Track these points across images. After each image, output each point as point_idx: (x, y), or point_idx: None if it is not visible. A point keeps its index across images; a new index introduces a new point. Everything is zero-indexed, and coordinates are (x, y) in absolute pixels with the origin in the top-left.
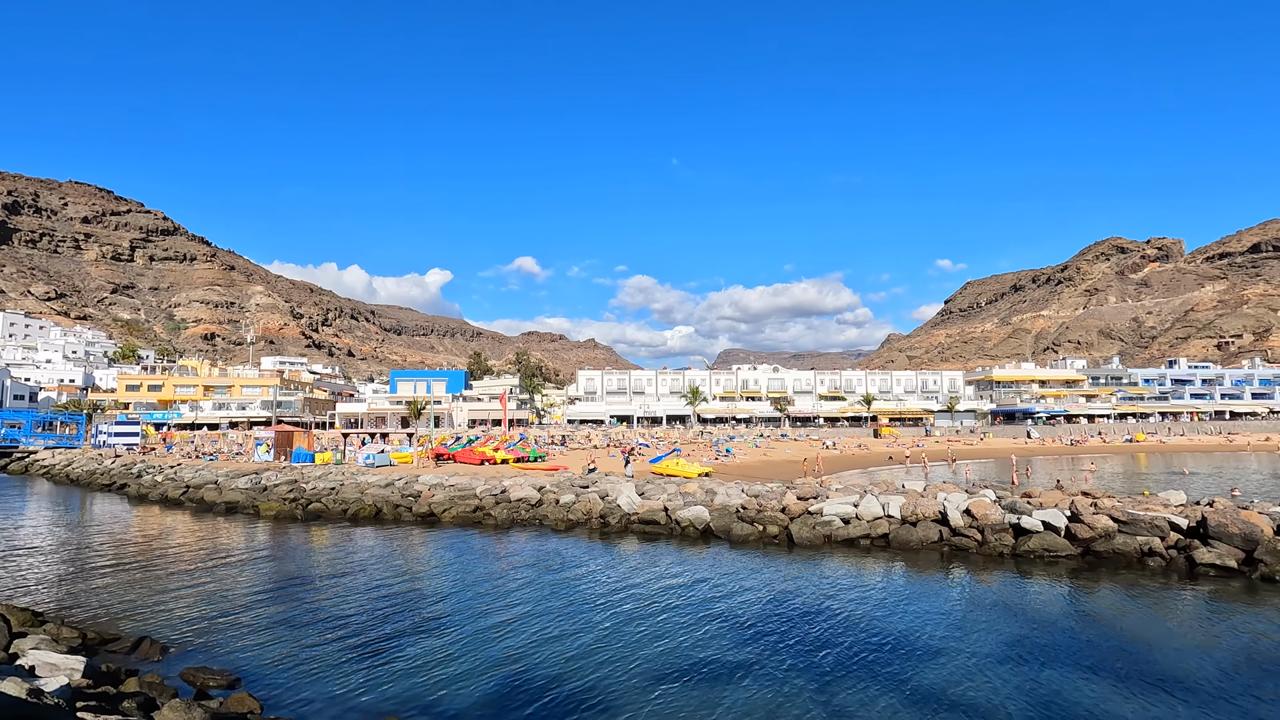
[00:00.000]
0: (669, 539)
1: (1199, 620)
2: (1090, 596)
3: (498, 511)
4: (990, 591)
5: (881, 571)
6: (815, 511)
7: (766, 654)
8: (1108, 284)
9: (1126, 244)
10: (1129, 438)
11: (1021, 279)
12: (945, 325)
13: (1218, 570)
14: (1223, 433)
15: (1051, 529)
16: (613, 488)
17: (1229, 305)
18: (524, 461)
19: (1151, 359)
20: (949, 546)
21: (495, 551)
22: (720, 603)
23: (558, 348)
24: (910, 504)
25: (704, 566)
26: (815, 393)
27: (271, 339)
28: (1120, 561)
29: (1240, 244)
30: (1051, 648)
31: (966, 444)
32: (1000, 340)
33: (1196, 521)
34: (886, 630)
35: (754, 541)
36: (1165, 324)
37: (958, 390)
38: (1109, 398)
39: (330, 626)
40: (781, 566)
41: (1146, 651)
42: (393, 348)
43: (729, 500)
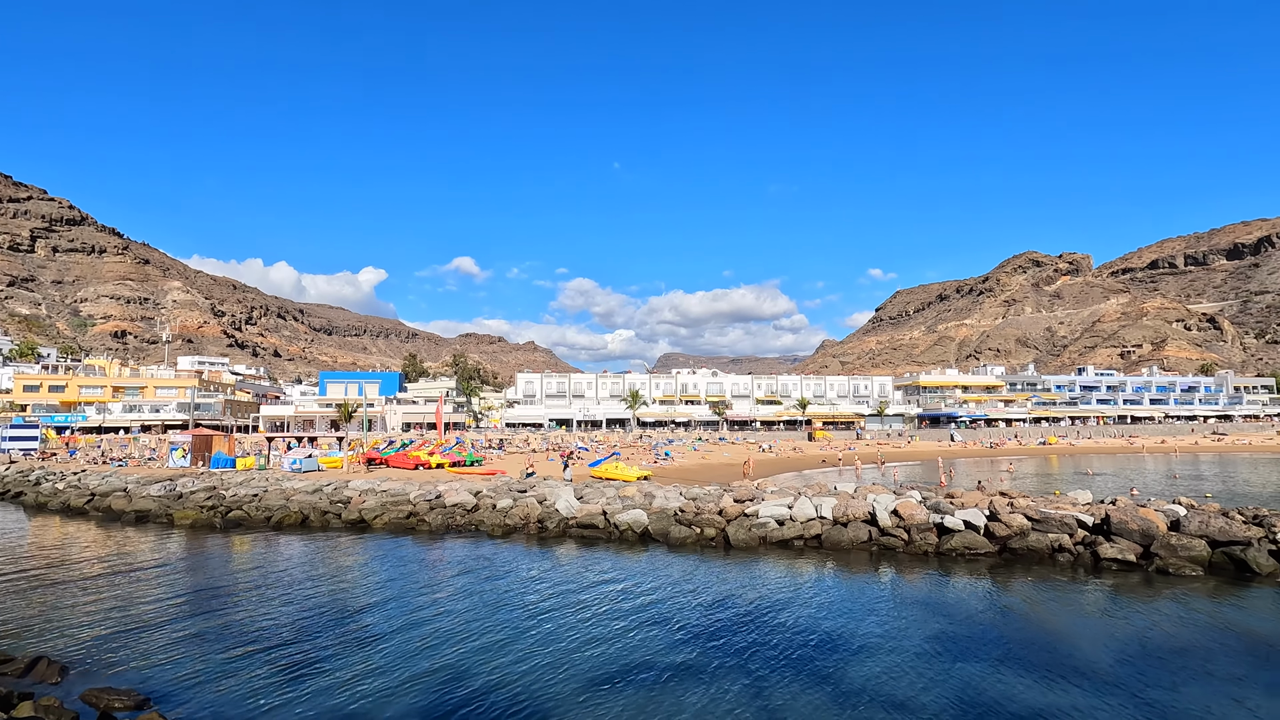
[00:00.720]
0: (607, 543)
1: (1102, 612)
2: (1006, 591)
3: (432, 517)
4: (916, 589)
5: (814, 572)
6: (751, 514)
7: (701, 655)
8: (1025, 295)
9: (1042, 258)
10: (1043, 440)
11: (947, 289)
12: (876, 332)
13: (1119, 564)
14: (1124, 436)
15: (972, 528)
16: (551, 492)
17: (1131, 317)
18: (460, 466)
19: (1063, 366)
20: (878, 546)
21: (429, 558)
22: (656, 606)
23: (497, 350)
24: (842, 505)
25: (641, 570)
26: (753, 397)
27: (190, 338)
28: (1034, 557)
29: (1141, 260)
30: (970, 641)
31: (895, 447)
32: (927, 347)
33: (1101, 519)
34: (818, 629)
35: (692, 544)
36: (1075, 334)
37: (887, 395)
38: (1025, 403)
39: (251, 640)
40: (718, 568)
41: (1055, 643)
42: (323, 348)
43: (667, 503)
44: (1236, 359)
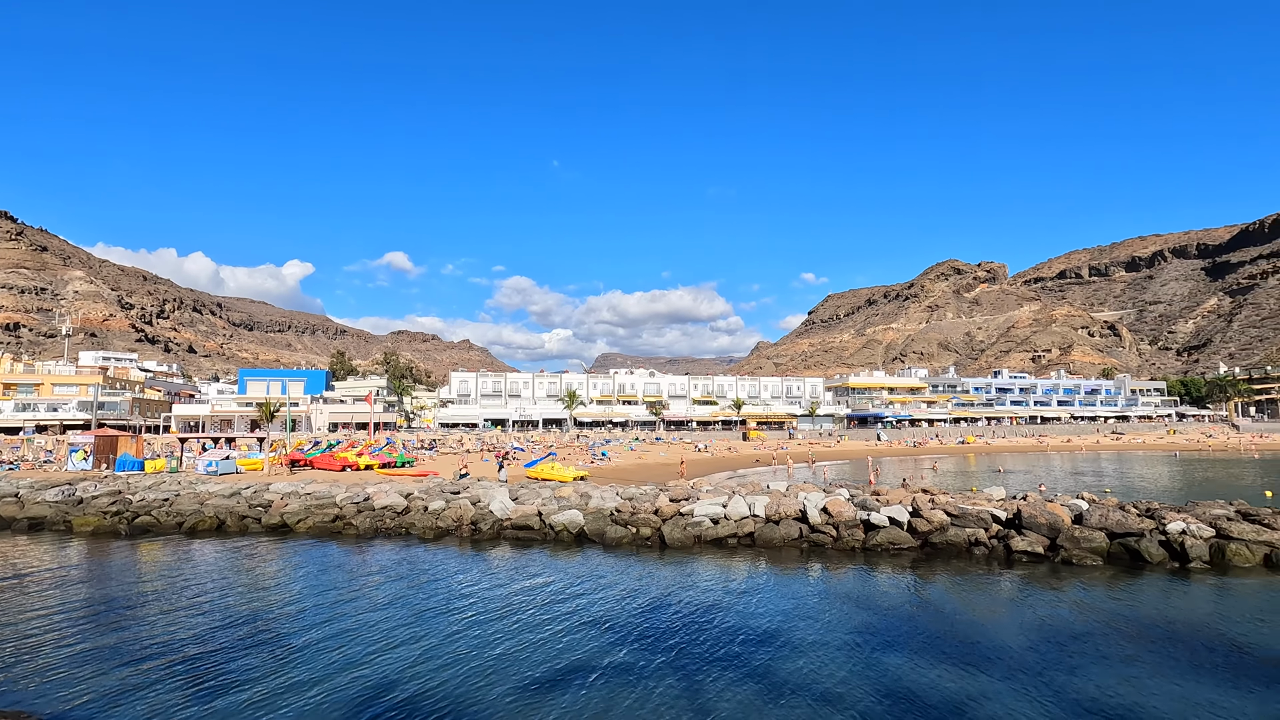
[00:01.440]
0: (543, 544)
1: (1013, 601)
2: (927, 584)
3: (360, 520)
4: (843, 584)
5: (746, 569)
6: (687, 513)
7: (635, 655)
8: (947, 301)
9: (962, 266)
10: (962, 440)
11: (875, 294)
12: (808, 335)
13: (1029, 556)
14: (1035, 435)
15: (896, 524)
16: (485, 493)
17: (1041, 324)
18: (390, 467)
19: (981, 370)
20: (808, 543)
21: (355, 563)
22: (591, 607)
23: (430, 348)
24: (774, 504)
25: (577, 571)
26: (689, 397)
27: (93, 331)
28: (952, 551)
29: (1050, 270)
30: (894, 633)
31: (825, 446)
32: (856, 350)
33: (1013, 514)
34: (750, 626)
35: (627, 544)
36: (992, 339)
37: (818, 396)
38: (946, 404)
39: (156, 654)
40: (653, 568)
41: (971, 632)
42: (243, 344)
43: (604, 504)
44: (1133, 364)
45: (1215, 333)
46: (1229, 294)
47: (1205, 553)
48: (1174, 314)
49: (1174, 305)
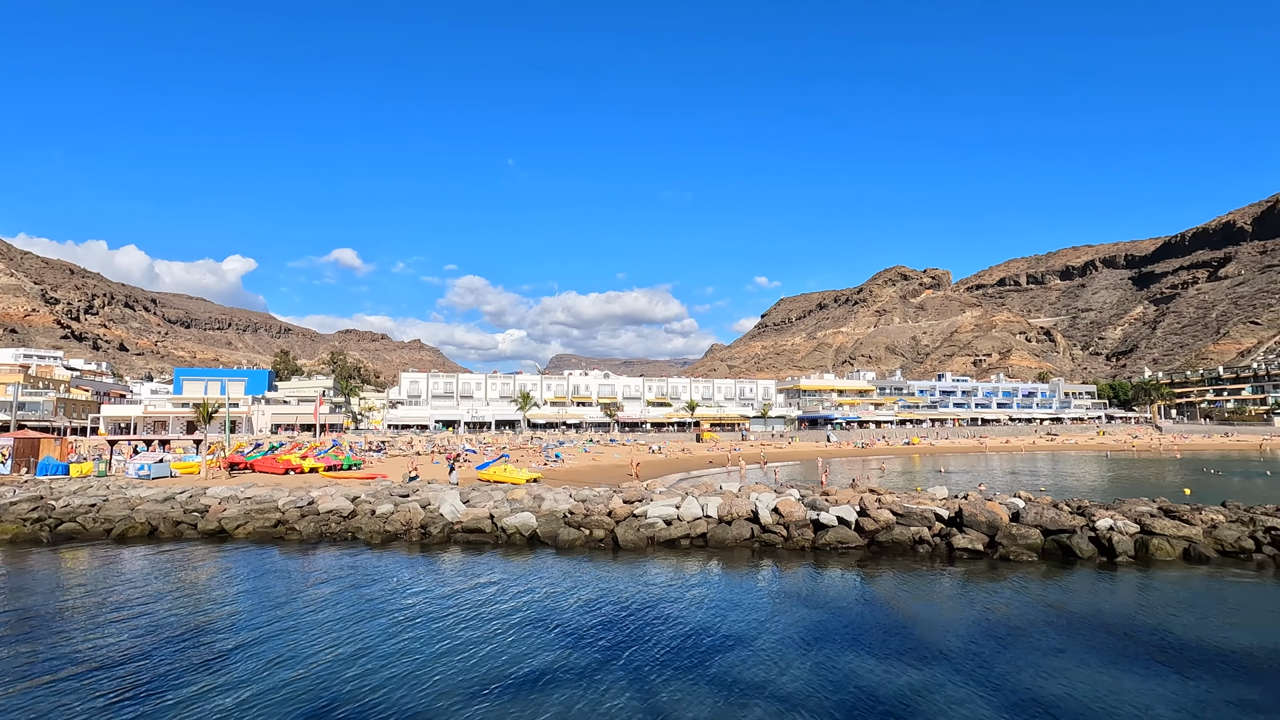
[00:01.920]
0: (494, 548)
1: (954, 597)
2: (874, 582)
3: (304, 525)
4: (794, 583)
5: (699, 570)
6: (640, 514)
7: (586, 658)
8: (894, 306)
9: (909, 272)
10: (907, 441)
11: (826, 298)
12: (761, 337)
13: (970, 553)
14: (976, 436)
15: (844, 523)
16: (435, 496)
17: (982, 329)
18: (337, 470)
19: (925, 373)
20: (759, 543)
21: (297, 569)
22: (542, 610)
23: (379, 348)
24: (726, 504)
25: (529, 574)
26: (644, 399)
27: (13, 327)
28: (898, 549)
29: (991, 278)
30: (841, 631)
31: (777, 447)
32: (807, 353)
33: (955, 513)
34: (702, 626)
35: (580, 546)
36: (936, 343)
37: (771, 398)
38: (892, 406)
39: (75, 666)
40: (606, 570)
41: (914, 628)
42: (180, 342)
43: (557, 506)
44: (1067, 368)
45: (1141, 339)
46: (1153, 302)
47: (1131, 548)
48: (1104, 321)
49: (1104, 313)
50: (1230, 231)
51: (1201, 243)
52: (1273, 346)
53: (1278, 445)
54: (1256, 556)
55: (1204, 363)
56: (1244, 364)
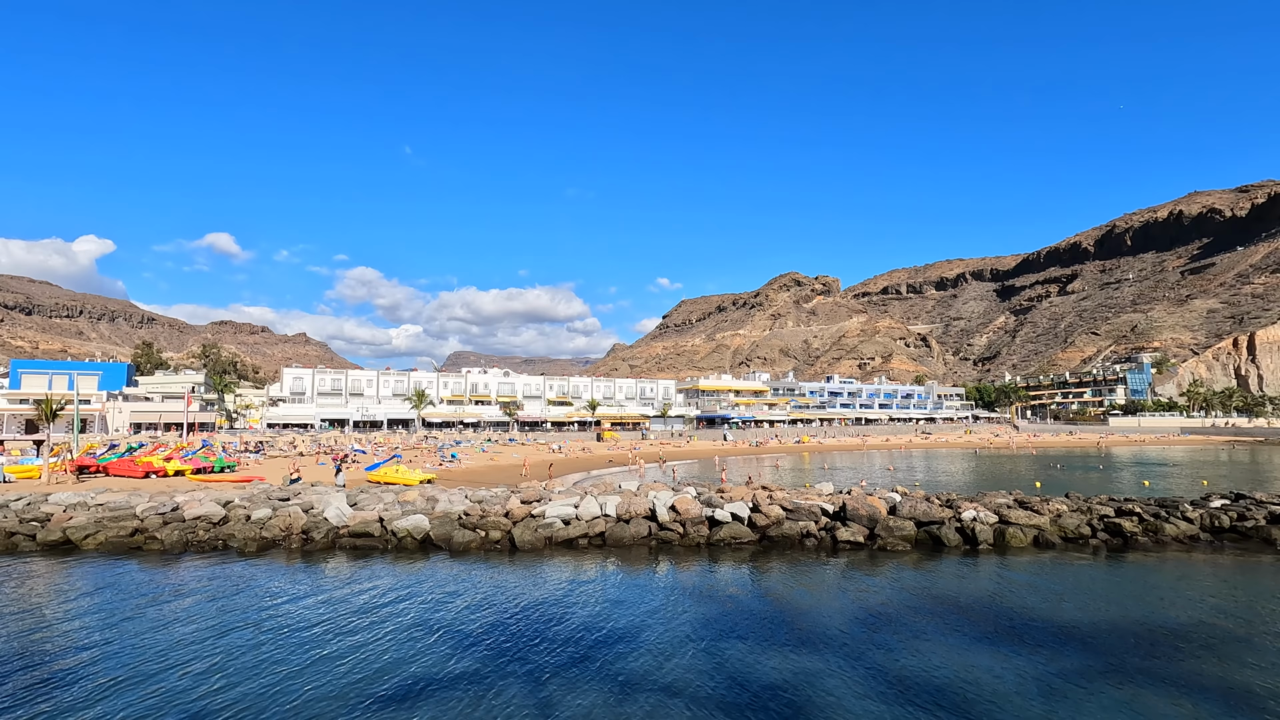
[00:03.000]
0: (384, 553)
1: (838, 586)
2: (764, 575)
3: (166, 534)
4: (689, 578)
5: (596, 569)
6: (538, 514)
7: (482, 662)
8: (788, 310)
9: (802, 278)
10: (798, 439)
11: (725, 301)
12: (663, 338)
13: (852, 544)
14: (859, 435)
15: (738, 519)
16: (319, 499)
17: (867, 334)
18: (207, 473)
19: (816, 375)
20: (657, 540)
21: (155, 582)
22: (433, 615)
23: (259, 341)
24: (625, 503)
25: (419, 579)
26: (545, 398)
27: None
28: (787, 543)
29: (876, 286)
30: (733, 623)
31: (676, 446)
32: (706, 354)
33: (839, 507)
34: (599, 625)
35: (476, 549)
36: (826, 346)
37: (671, 398)
38: (785, 406)
39: None
40: (502, 572)
41: (801, 616)
42: (19, 331)
43: (451, 507)
44: (940, 372)
45: (1003, 346)
46: (1014, 313)
47: (991, 536)
48: (972, 329)
49: (972, 321)
50: (1077, 251)
51: (1054, 260)
52: (1109, 355)
53: (1112, 443)
54: (1092, 541)
55: (1054, 368)
56: (1086, 370)
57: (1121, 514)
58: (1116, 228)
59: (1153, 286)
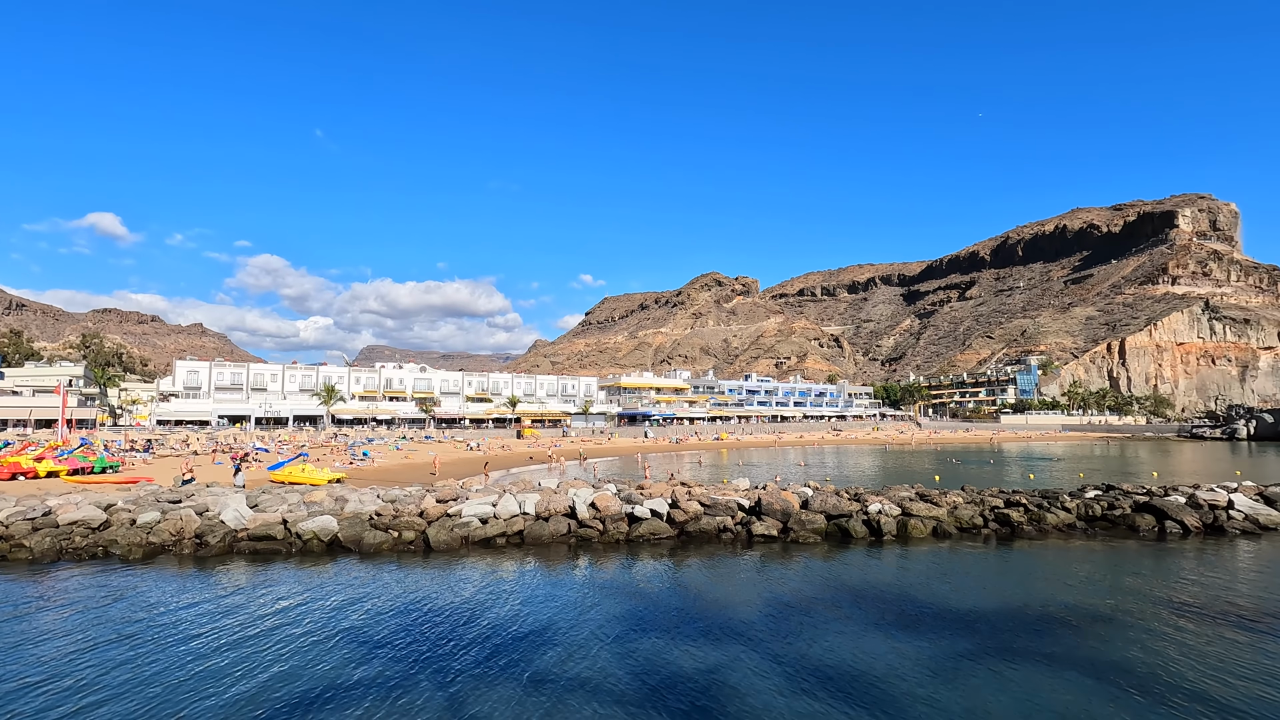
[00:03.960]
0: (288, 557)
1: (752, 579)
2: (682, 569)
3: (36, 541)
4: (608, 575)
5: (515, 568)
6: (454, 513)
7: (391, 665)
8: (709, 310)
9: (723, 278)
10: (717, 436)
11: (647, 299)
12: (585, 335)
13: (766, 538)
14: (776, 432)
15: (657, 515)
16: (216, 501)
17: (784, 334)
18: (85, 473)
19: (735, 373)
20: (576, 538)
21: (22, 595)
22: (341, 619)
23: (149, 331)
24: (544, 501)
25: (327, 583)
26: (463, 394)
27: None
28: (704, 538)
29: (792, 288)
30: (652, 618)
31: (597, 443)
32: (629, 351)
33: (754, 502)
34: (517, 625)
35: (388, 550)
36: (745, 346)
37: (592, 395)
38: (705, 404)
39: None
40: (416, 573)
41: (717, 609)
42: None
43: (362, 507)
44: (850, 371)
45: (908, 348)
46: (918, 317)
47: (894, 528)
48: (880, 331)
49: (881, 324)
50: (975, 260)
51: (955, 268)
52: (1002, 357)
53: (1003, 439)
54: (984, 531)
55: (953, 369)
56: (981, 371)
57: (1010, 505)
58: (1010, 239)
59: (1040, 295)
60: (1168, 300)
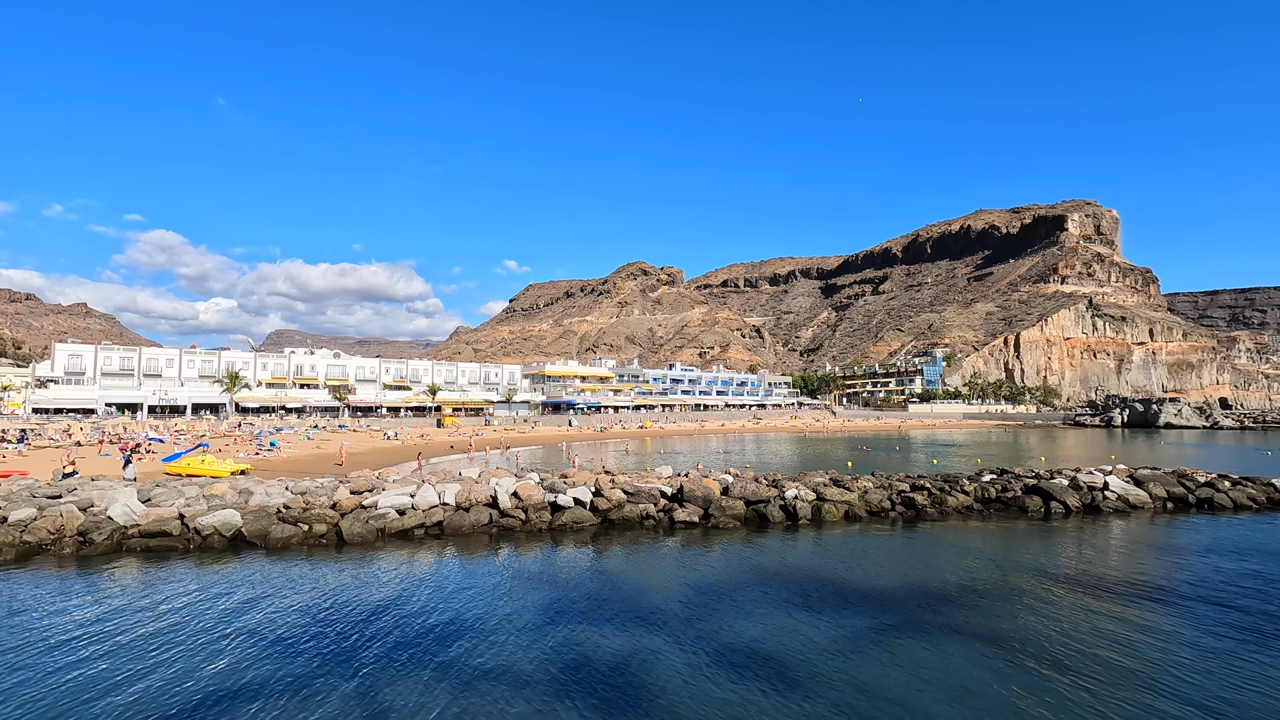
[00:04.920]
0: (185, 554)
1: (674, 564)
2: (605, 557)
3: None
4: (530, 563)
5: (433, 559)
6: (370, 505)
7: (297, 663)
8: (634, 299)
9: (648, 268)
10: (641, 425)
11: (573, 287)
12: (509, 322)
13: (688, 525)
14: (699, 420)
15: (580, 504)
16: (102, 495)
17: (708, 324)
18: None
19: (659, 362)
20: (498, 528)
21: None
22: (244, 618)
23: (23, 311)
24: (465, 491)
25: (229, 580)
26: (380, 381)
27: None
28: (628, 525)
29: (716, 279)
30: (574, 606)
31: (521, 432)
32: (554, 339)
33: (677, 489)
34: (436, 617)
35: (297, 544)
36: (669, 335)
37: (516, 383)
38: (630, 392)
39: None
40: (327, 568)
41: (639, 595)
42: None
43: (269, 500)
44: (771, 361)
45: (825, 339)
46: (835, 309)
47: (809, 512)
48: (800, 323)
49: (800, 316)
50: (888, 256)
51: (869, 263)
52: (911, 349)
53: (910, 427)
54: (892, 514)
55: (866, 360)
56: (892, 362)
57: (915, 489)
58: (920, 237)
59: (946, 290)
60: (1057, 298)
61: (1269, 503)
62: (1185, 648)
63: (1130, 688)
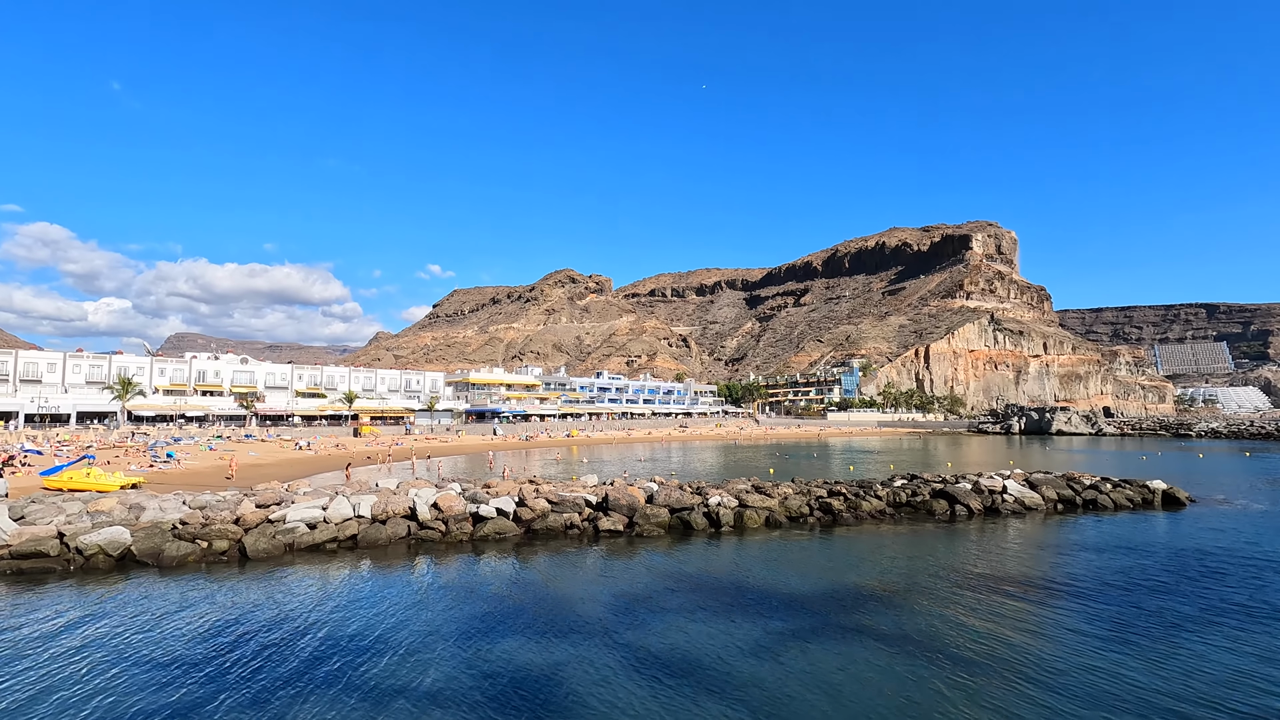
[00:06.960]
0: (66, 576)
1: (598, 573)
2: (528, 567)
3: None
4: (450, 575)
5: (346, 574)
6: (277, 519)
7: (190, 688)
8: (562, 306)
9: (576, 275)
10: (568, 433)
11: (499, 293)
12: (432, 328)
13: (612, 533)
14: (625, 429)
15: (503, 514)
16: None
17: (635, 333)
18: None
19: (587, 370)
20: (417, 540)
21: None
22: (133, 642)
23: None
24: (382, 502)
25: (115, 603)
26: (292, 389)
27: None
28: (552, 535)
29: (644, 288)
30: (495, 617)
31: (443, 441)
32: (479, 346)
33: (602, 498)
34: (347, 634)
35: (195, 562)
36: (597, 343)
37: (439, 390)
38: (557, 400)
39: None
40: (228, 586)
41: (562, 605)
42: None
43: (163, 515)
44: (697, 370)
45: (749, 349)
46: (759, 320)
47: (732, 519)
48: (725, 332)
49: (725, 326)
50: (809, 269)
51: (792, 276)
52: (829, 360)
53: (829, 434)
54: (810, 520)
55: (788, 370)
56: (812, 372)
57: (832, 495)
58: (839, 251)
59: (863, 304)
60: (963, 313)
61: (1144, 503)
62: (1066, 636)
63: (1017, 678)
